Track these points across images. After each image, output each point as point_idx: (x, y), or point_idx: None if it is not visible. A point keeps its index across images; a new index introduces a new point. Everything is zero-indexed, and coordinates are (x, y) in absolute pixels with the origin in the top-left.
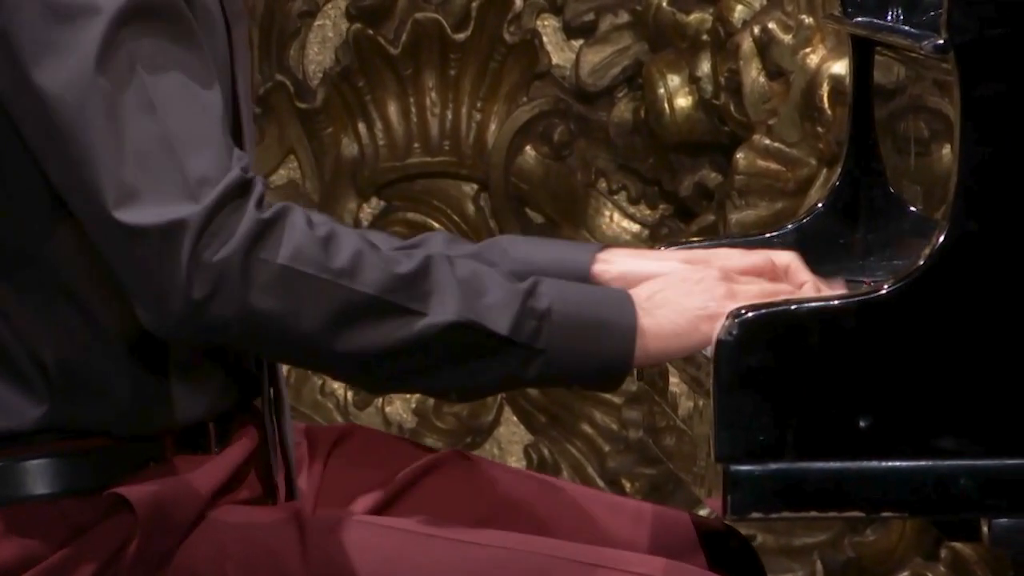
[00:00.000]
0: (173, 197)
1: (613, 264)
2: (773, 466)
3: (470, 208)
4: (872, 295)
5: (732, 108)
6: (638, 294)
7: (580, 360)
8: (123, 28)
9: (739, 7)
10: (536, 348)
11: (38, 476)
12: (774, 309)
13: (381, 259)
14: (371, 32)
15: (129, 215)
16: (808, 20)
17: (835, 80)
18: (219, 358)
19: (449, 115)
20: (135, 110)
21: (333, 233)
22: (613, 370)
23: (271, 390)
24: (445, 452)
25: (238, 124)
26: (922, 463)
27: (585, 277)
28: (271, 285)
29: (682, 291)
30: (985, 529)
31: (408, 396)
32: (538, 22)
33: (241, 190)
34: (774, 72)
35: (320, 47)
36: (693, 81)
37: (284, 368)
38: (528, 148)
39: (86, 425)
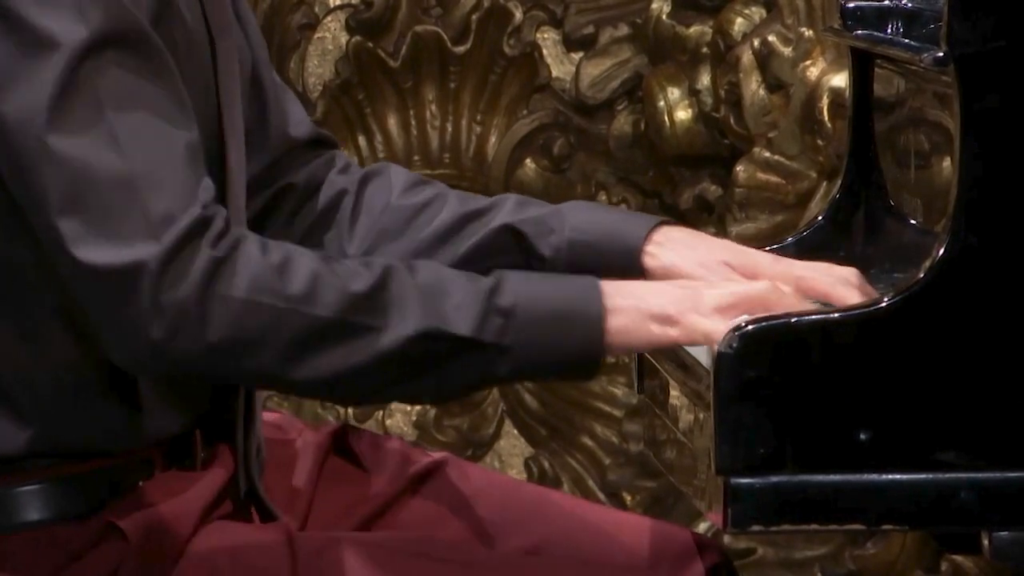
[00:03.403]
0: (134, 237)
1: (661, 256)
2: (774, 479)
3: None
4: (872, 308)
5: (732, 121)
6: (610, 283)
7: (550, 353)
8: (85, 62)
9: (739, 20)
10: (503, 345)
11: (29, 502)
12: (774, 322)
13: (338, 279)
14: (371, 45)
15: (89, 254)
16: (808, 33)
17: (835, 93)
18: None
19: (449, 128)
20: (97, 147)
21: (288, 258)
22: (584, 360)
23: (247, 397)
24: (439, 458)
25: (221, 139)
26: (923, 476)
27: (634, 260)
28: (230, 321)
29: (653, 289)
30: (986, 542)
31: (408, 408)
32: (538, 35)
33: (201, 228)
34: (774, 85)
35: (320, 60)
36: (693, 94)
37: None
38: (528, 161)
39: (76, 444)
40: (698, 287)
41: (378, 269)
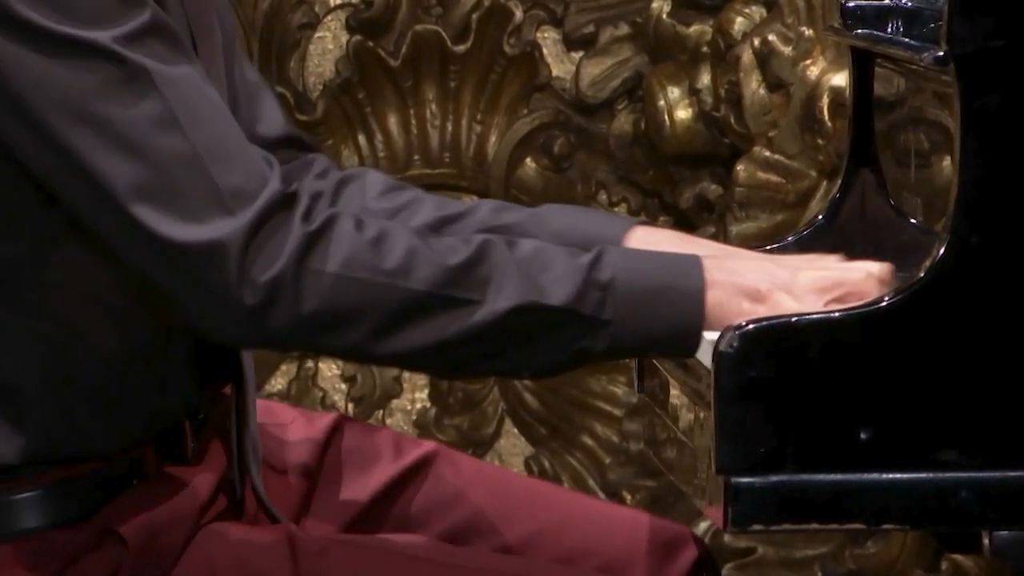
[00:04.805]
0: (209, 214)
1: None
2: (774, 478)
3: None
4: (873, 307)
5: (732, 120)
6: (709, 257)
7: (649, 328)
8: (127, 52)
9: (739, 19)
10: (602, 319)
11: (25, 510)
12: (775, 321)
13: (435, 252)
14: (371, 44)
15: (169, 231)
16: (808, 32)
17: (835, 92)
18: (188, 355)
19: (449, 127)
20: (155, 129)
21: (384, 233)
22: (684, 335)
23: (237, 389)
24: (430, 450)
25: None
26: (923, 475)
27: None
28: (325, 295)
29: (751, 265)
30: (986, 541)
31: (409, 407)
32: (538, 34)
33: (284, 203)
34: (774, 84)
35: (320, 59)
36: (693, 93)
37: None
38: (528, 160)
39: (68, 448)
40: (797, 266)
41: (476, 243)
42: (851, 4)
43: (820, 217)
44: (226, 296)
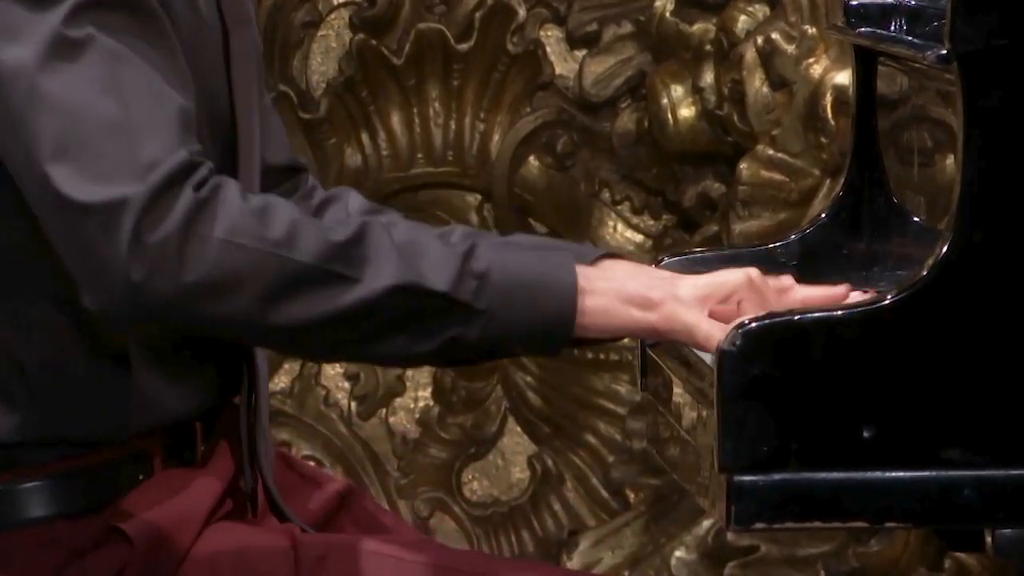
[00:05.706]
0: (120, 178)
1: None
2: (777, 476)
3: (474, 218)
4: (875, 305)
5: (735, 118)
6: (586, 267)
7: (521, 320)
8: (84, 15)
9: (742, 18)
10: (476, 308)
11: (30, 499)
12: (777, 319)
13: (318, 228)
14: (374, 42)
15: (76, 191)
16: (811, 31)
17: (838, 91)
18: (200, 351)
19: (452, 125)
20: (91, 91)
21: (268, 204)
22: (555, 330)
23: (250, 390)
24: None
25: (234, 132)
26: (926, 473)
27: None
28: (208, 261)
29: (632, 274)
30: (989, 540)
31: (412, 406)
32: (541, 32)
33: (185, 171)
34: (777, 83)
35: (323, 57)
36: (696, 91)
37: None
38: (531, 158)
39: (71, 431)
40: (672, 275)
41: (356, 224)
42: (854, 2)
43: (823, 215)
44: (115, 263)
